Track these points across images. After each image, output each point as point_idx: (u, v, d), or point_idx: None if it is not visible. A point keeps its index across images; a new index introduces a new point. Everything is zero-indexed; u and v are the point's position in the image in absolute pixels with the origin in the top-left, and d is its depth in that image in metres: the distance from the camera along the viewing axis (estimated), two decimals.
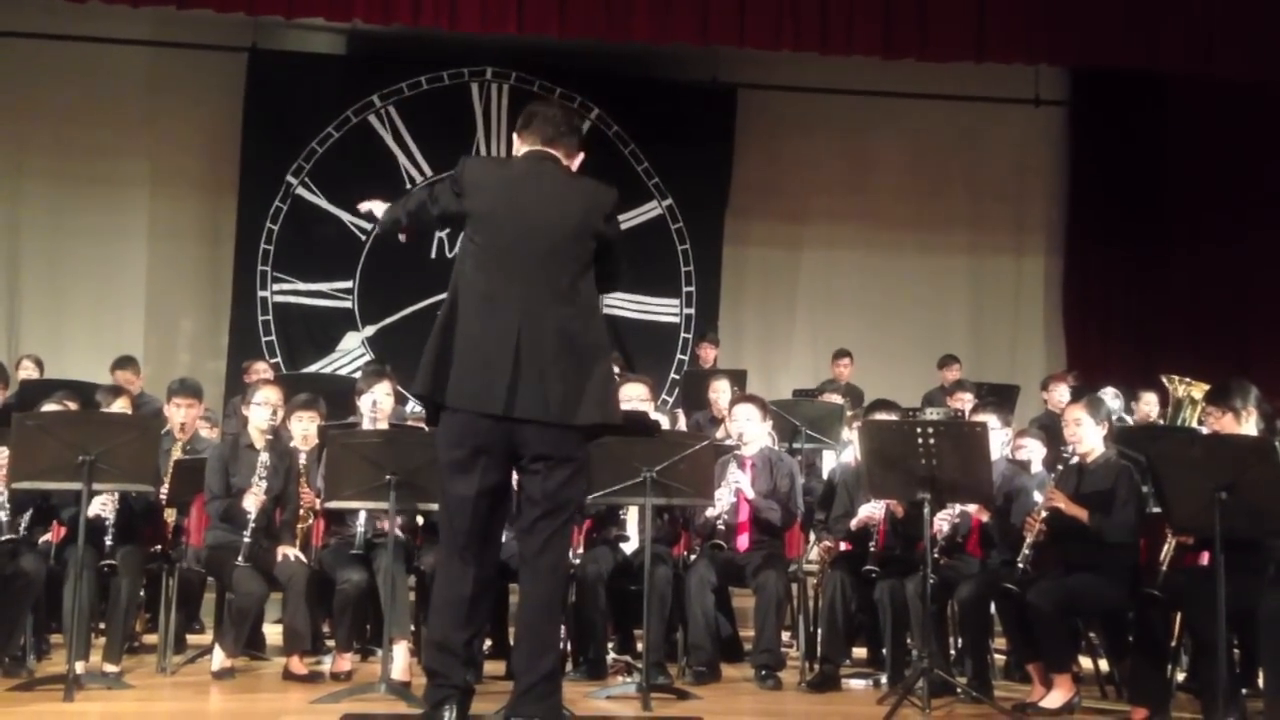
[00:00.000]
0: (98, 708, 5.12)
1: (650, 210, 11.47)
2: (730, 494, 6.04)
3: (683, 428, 8.27)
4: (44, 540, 5.90)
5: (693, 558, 6.15)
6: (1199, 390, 7.86)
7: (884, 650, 5.93)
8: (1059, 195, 12.15)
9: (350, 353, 11.06)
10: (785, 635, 6.34)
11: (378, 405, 6.08)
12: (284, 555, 5.81)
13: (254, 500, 5.78)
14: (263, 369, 8.91)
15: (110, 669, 5.59)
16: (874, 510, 5.88)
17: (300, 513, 6.15)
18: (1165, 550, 5.22)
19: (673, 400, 10.38)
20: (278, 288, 11.02)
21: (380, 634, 5.57)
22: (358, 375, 8.13)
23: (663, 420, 6.72)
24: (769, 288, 11.96)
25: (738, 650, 6.43)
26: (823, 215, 11.99)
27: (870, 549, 5.85)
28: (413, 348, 11.45)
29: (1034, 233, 12.19)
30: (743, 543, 6.09)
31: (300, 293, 11.06)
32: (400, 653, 5.46)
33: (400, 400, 6.77)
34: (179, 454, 6.55)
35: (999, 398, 8.18)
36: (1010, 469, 6.07)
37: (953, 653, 5.99)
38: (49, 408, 5.94)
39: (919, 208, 11.91)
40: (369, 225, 10.81)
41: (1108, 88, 11.58)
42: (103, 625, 5.87)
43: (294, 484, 6.09)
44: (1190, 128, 11.65)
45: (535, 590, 4.15)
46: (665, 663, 5.81)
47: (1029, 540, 5.40)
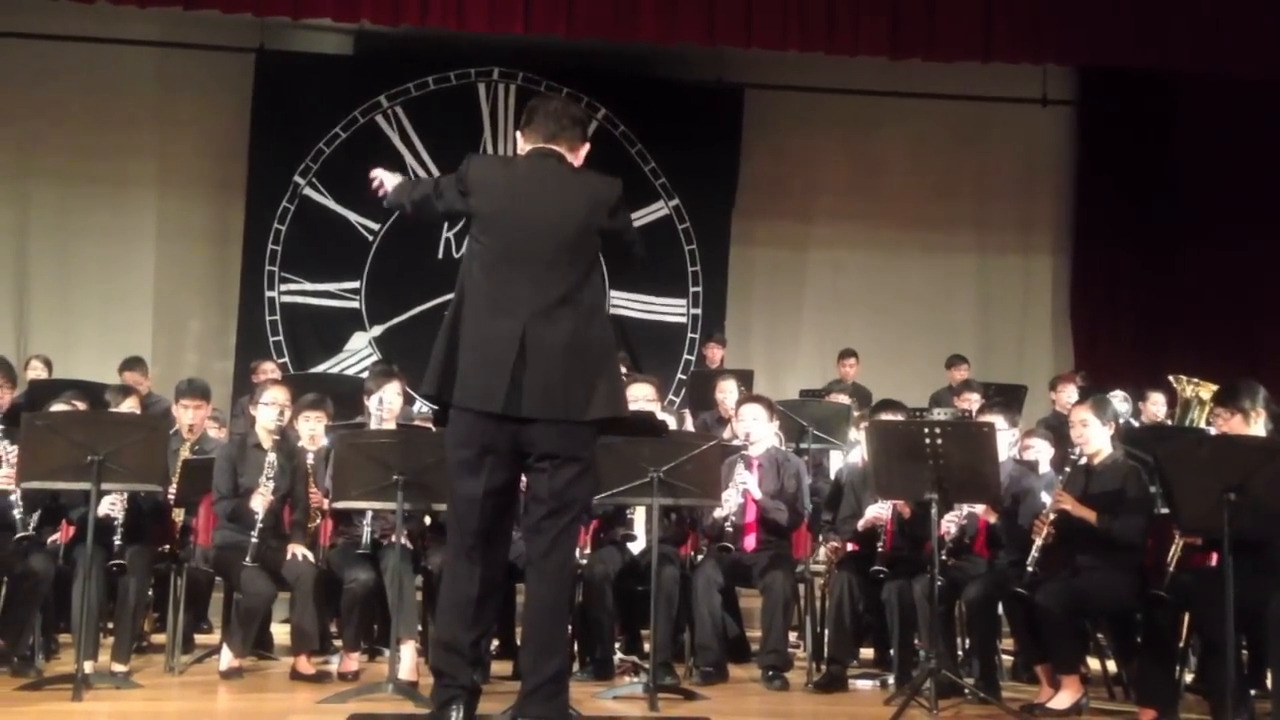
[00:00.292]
0: (106, 707, 5.13)
1: (657, 210, 11.47)
2: (738, 495, 6.04)
3: (690, 428, 8.26)
4: (53, 540, 5.92)
5: (700, 558, 6.15)
6: (1207, 391, 7.84)
7: (891, 651, 5.93)
8: (1066, 195, 12.13)
9: (358, 353, 11.07)
10: (792, 636, 6.33)
11: (385, 405, 6.09)
12: (293, 554, 5.82)
13: (261, 500, 5.80)
14: (270, 369, 8.92)
15: (118, 668, 5.60)
16: (881, 511, 5.88)
17: (309, 513, 6.16)
18: (1172, 551, 5.21)
19: (679, 400, 10.38)
20: (285, 288, 11.03)
21: (387, 634, 5.58)
22: (365, 375, 8.14)
23: (669, 420, 6.72)
24: (775, 288, 11.95)
25: (745, 651, 6.43)
26: (829, 215, 11.98)
27: (878, 549, 5.85)
28: (420, 348, 11.45)
29: (1041, 233, 12.17)
30: (750, 543, 6.09)
31: (308, 293, 11.08)
32: (407, 653, 5.47)
33: (408, 400, 6.78)
34: (187, 454, 6.56)
35: (1006, 398, 8.18)
36: (1017, 470, 6.06)
37: (960, 653, 6.00)
38: (57, 408, 5.96)
39: (926, 208, 11.89)
40: (376, 225, 10.98)
41: (1115, 87, 11.55)
42: (111, 625, 5.88)
43: (302, 484, 6.11)
44: (1198, 127, 11.61)
45: (542, 591, 4.15)
46: (672, 663, 5.82)
47: (1037, 543, 5.39)
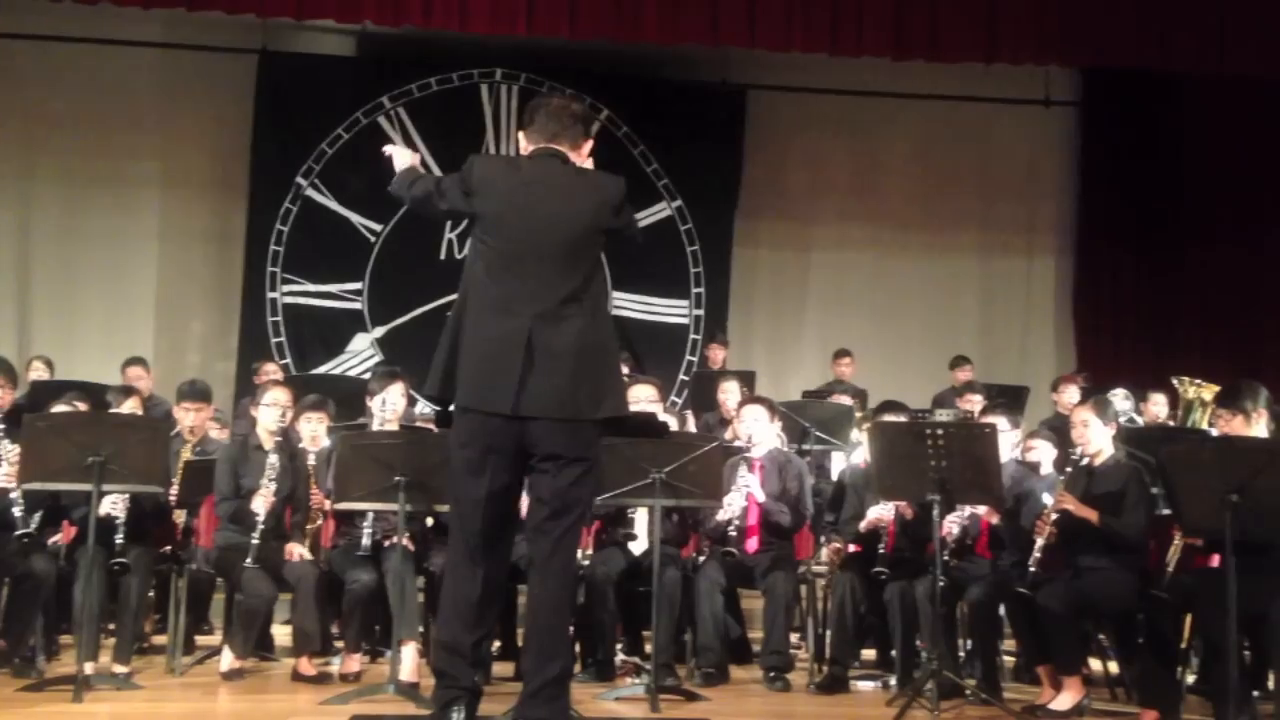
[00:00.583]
0: (107, 708, 5.13)
1: (659, 211, 11.47)
2: (740, 498, 6.03)
3: (692, 429, 8.26)
4: (54, 541, 5.92)
5: (702, 559, 6.14)
6: (1209, 392, 7.82)
7: (893, 652, 5.92)
8: (1069, 196, 12.11)
9: (360, 354, 11.07)
10: (794, 637, 6.34)
11: (388, 406, 6.09)
12: (290, 552, 5.82)
13: (263, 501, 5.80)
14: (272, 370, 8.92)
15: (120, 670, 5.60)
16: (883, 512, 5.87)
17: (310, 514, 6.16)
18: (1172, 552, 5.20)
19: (682, 402, 10.37)
20: (287, 289, 11.02)
21: (389, 635, 5.58)
22: (367, 376, 8.14)
23: (671, 422, 6.72)
24: (778, 289, 11.94)
25: (746, 652, 6.42)
26: (832, 216, 11.97)
27: (879, 551, 5.85)
28: (422, 349, 11.41)
29: (1044, 233, 12.15)
30: (752, 545, 6.08)
31: (310, 294, 11.07)
32: (409, 654, 5.46)
33: (410, 402, 6.78)
34: (189, 455, 6.56)
35: (1009, 399, 8.16)
36: (1020, 470, 6.05)
37: (962, 654, 5.99)
38: (59, 409, 5.96)
39: (929, 208, 11.89)
40: (379, 227, 10.98)
41: (1118, 88, 11.54)
42: (112, 626, 5.88)
43: (303, 485, 6.11)
44: (1202, 127, 11.60)
45: (545, 592, 4.14)
46: (674, 664, 5.81)
47: (1039, 543, 5.38)
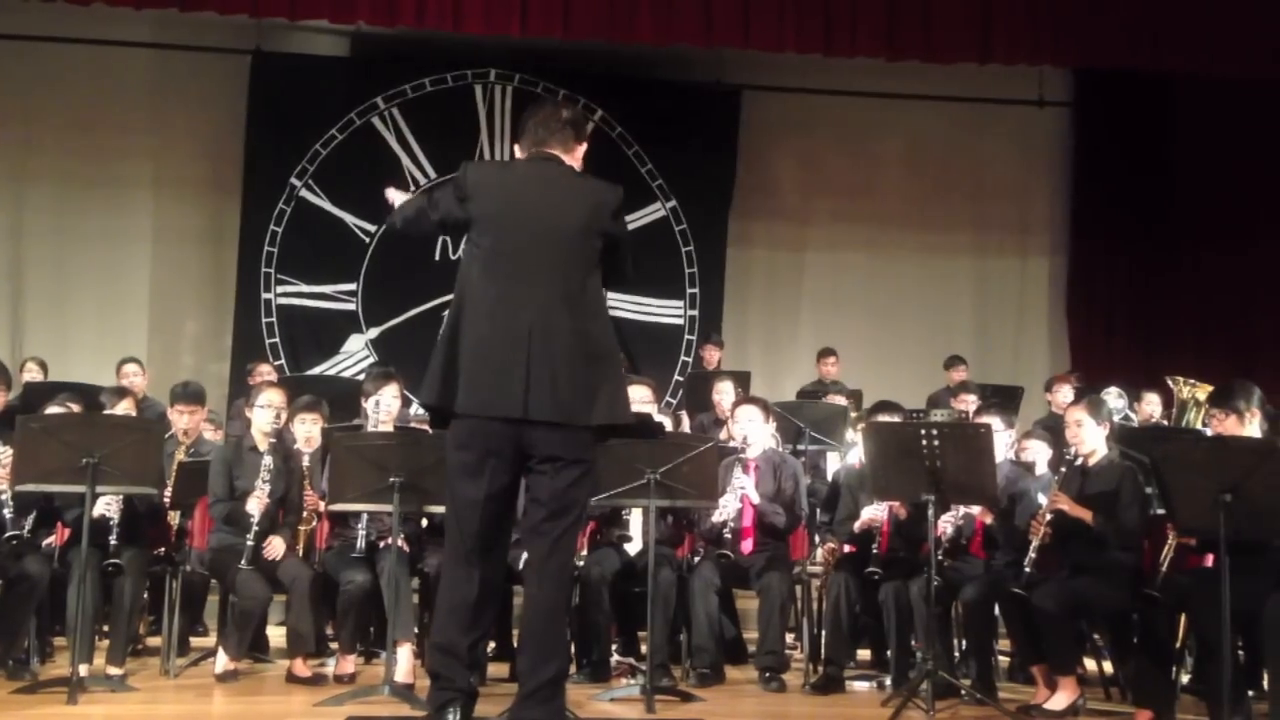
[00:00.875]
0: (101, 710, 5.12)
1: (654, 212, 11.47)
2: (735, 500, 6.03)
3: (686, 429, 8.27)
4: (48, 543, 5.91)
5: (697, 560, 6.14)
6: (1203, 391, 7.84)
7: (888, 652, 5.93)
8: (1063, 196, 12.12)
9: (354, 355, 11.06)
10: (789, 637, 6.34)
11: (382, 407, 6.08)
12: (274, 544, 5.80)
13: (257, 503, 5.79)
14: (266, 371, 8.91)
15: (114, 672, 5.58)
16: (877, 512, 5.88)
17: (304, 515, 6.16)
18: (1165, 551, 5.21)
19: (676, 402, 10.38)
20: (281, 290, 11.01)
21: (384, 636, 5.57)
22: (361, 377, 8.13)
23: (666, 422, 6.72)
24: (773, 289, 11.94)
25: (742, 652, 6.43)
26: (826, 217, 11.98)
27: (873, 551, 5.85)
28: (417, 350, 11.46)
29: (1038, 234, 12.16)
30: (747, 546, 6.08)
31: (304, 295, 11.06)
32: (404, 655, 5.46)
33: (405, 403, 6.77)
34: (183, 456, 6.55)
35: (1003, 399, 8.18)
36: (1014, 470, 6.06)
37: (957, 654, 5.99)
38: (53, 410, 5.95)
39: (922, 209, 11.90)
40: (373, 227, 10.97)
41: (1112, 88, 11.56)
42: (106, 628, 5.87)
43: (298, 486, 6.10)
44: (1195, 128, 11.61)
45: (542, 594, 4.13)
46: (669, 665, 5.81)
47: (1034, 543, 5.39)
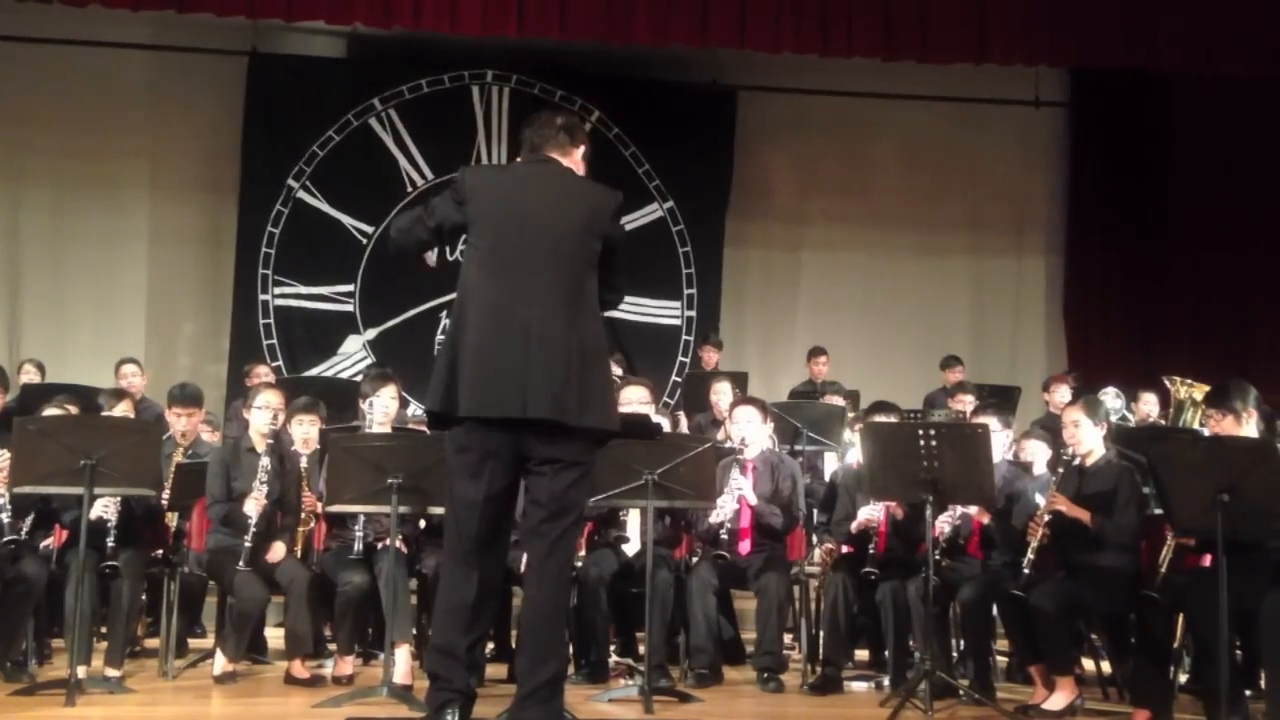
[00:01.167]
0: (99, 712, 5.11)
1: (651, 212, 11.47)
2: (733, 501, 6.03)
3: (684, 430, 8.27)
4: (45, 545, 5.90)
5: (694, 560, 6.14)
6: (1200, 391, 7.85)
7: (886, 652, 5.93)
8: (1059, 196, 12.14)
9: (351, 356, 11.06)
10: (787, 638, 6.34)
11: (378, 407, 6.08)
12: (273, 549, 5.81)
13: (255, 504, 5.79)
14: (264, 372, 8.91)
15: (112, 673, 5.58)
16: (873, 513, 5.88)
17: (302, 516, 6.16)
18: (1164, 552, 5.22)
19: (674, 403, 10.38)
20: (279, 291, 11.01)
21: (382, 637, 5.57)
22: (359, 379, 8.13)
23: (663, 423, 6.72)
24: (770, 290, 11.95)
25: (739, 653, 6.43)
26: (823, 217, 11.99)
27: (870, 551, 5.85)
28: (414, 351, 11.46)
29: (1034, 234, 12.18)
30: (744, 547, 6.08)
31: (301, 296, 11.06)
32: (402, 656, 5.46)
33: (402, 404, 6.77)
34: (180, 458, 6.54)
35: (1000, 399, 8.18)
36: (1011, 471, 6.07)
37: (955, 654, 5.99)
38: (50, 412, 5.94)
39: (919, 209, 11.90)
40: (370, 229, 10.97)
41: (1108, 88, 11.58)
42: (104, 630, 5.87)
43: (295, 488, 6.10)
44: (1191, 127, 11.63)
45: (540, 595, 4.14)
46: (667, 665, 5.80)
47: (1033, 544, 5.39)
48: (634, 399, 6.19)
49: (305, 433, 6.35)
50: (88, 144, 10.89)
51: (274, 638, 6.42)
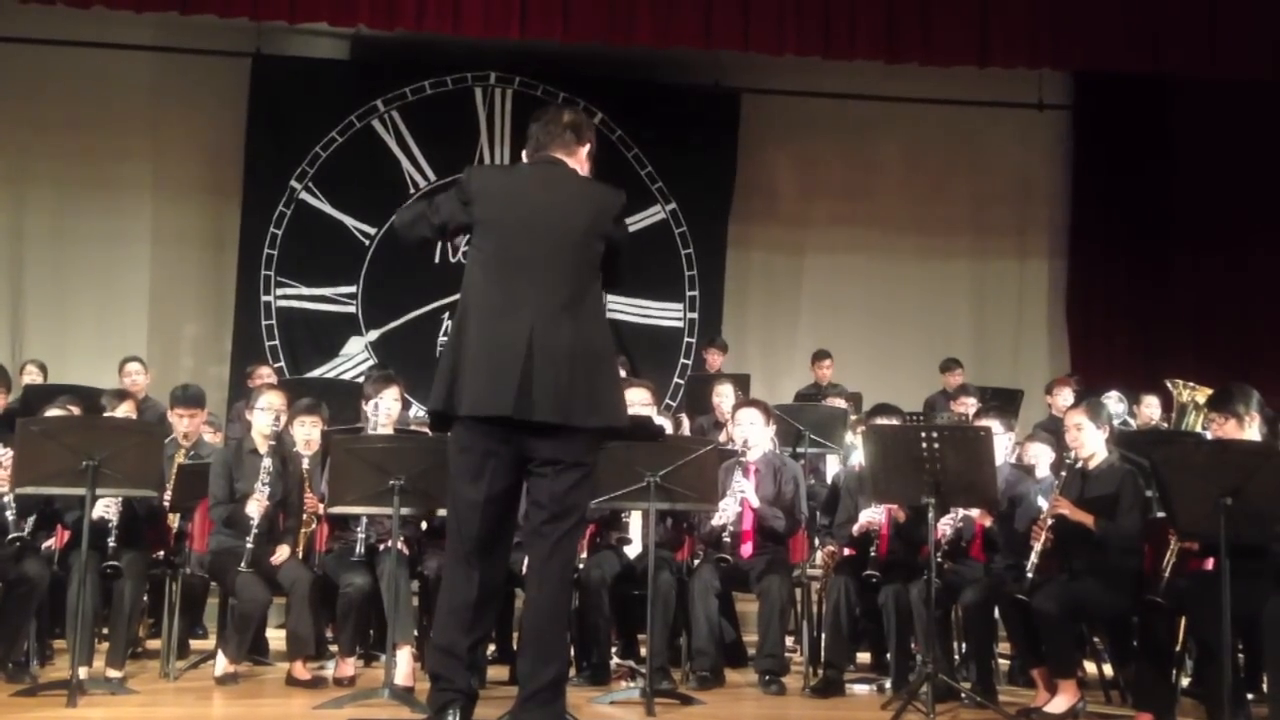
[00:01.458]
0: (101, 713, 5.12)
1: (653, 214, 11.47)
2: (735, 504, 6.03)
3: (686, 432, 8.26)
4: (47, 545, 5.90)
5: (696, 563, 6.14)
6: (1203, 395, 7.85)
7: (888, 655, 5.92)
8: (1062, 199, 12.14)
9: (353, 357, 11.06)
10: (789, 640, 6.33)
11: (383, 410, 6.08)
12: (278, 551, 5.82)
13: (257, 505, 5.78)
14: (266, 374, 8.90)
15: (113, 674, 5.58)
16: (875, 515, 5.88)
17: (304, 518, 6.15)
18: (1168, 556, 5.21)
19: (676, 405, 10.37)
20: (281, 292, 11.02)
21: (383, 639, 5.57)
22: (361, 380, 8.13)
23: (666, 425, 6.72)
24: (772, 292, 11.95)
25: (741, 655, 6.42)
26: (826, 220, 11.99)
27: (871, 554, 5.85)
28: (416, 353, 11.45)
29: (1037, 237, 12.18)
30: (747, 549, 6.07)
31: (304, 297, 11.07)
32: (403, 658, 5.46)
33: (405, 405, 6.77)
34: (182, 459, 6.54)
35: (1002, 402, 8.18)
36: (1013, 473, 6.06)
37: (957, 657, 5.99)
38: (52, 412, 5.95)
39: (922, 212, 11.90)
40: (372, 230, 10.98)
41: (1111, 91, 11.57)
42: (106, 630, 5.87)
43: (297, 489, 6.10)
44: (1194, 131, 11.63)
45: (542, 596, 4.14)
46: (669, 668, 5.80)
47: (1036, 548, 5.38)
48: (635, 401, 6.18)
49: (307, 434, 6.35)
50: (91, 145, 10.90)
51: (276, 639, 6.43)
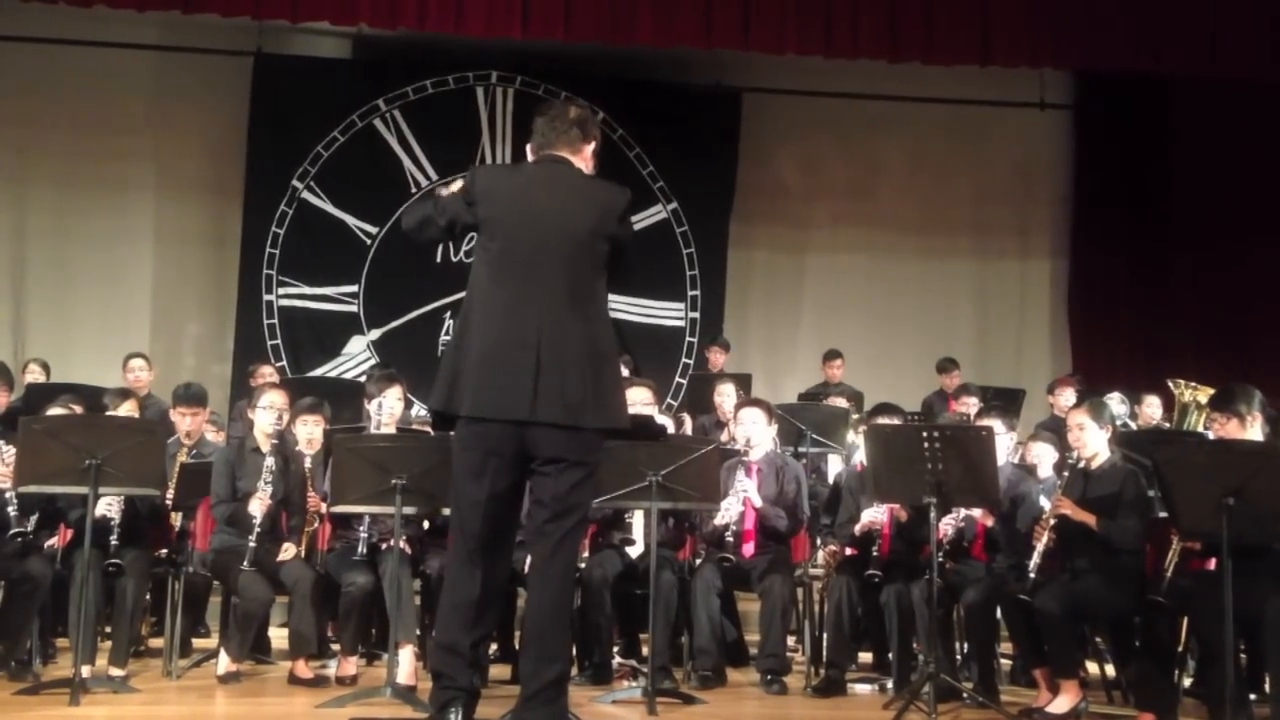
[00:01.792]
0: (103, 712, 5.12)
1: (655, 214, 11.47)
2: (737, 503, 6.03)
3: (688, 432, 8.27)
4: (50, 544, 5.91)
5: (698, 562, 6.14)
6: (1205, 395, 7.84)
7: (890, 655, 5.93)
8: (1064, 199, 12.13)
9: (355, 357, 11.06)
10: (791, 640, 6.33)
11: (385, 409, 6.08)
12: (285, 550, 5.82)
13: (259, 504, 5.79)
14: (268, 373, 8.90)
15: (116, 673, 5.58)
16: (876, 515, 5.88)
17: (306, 517, 6.16)
18: (1170, 556, 5.21)
19: (677, 404, 10.37)
20: (283, 291, 11.02)
21: (385, 638, 5.57)
22: (363, 379, 8.13)
23: (667, 424, 6.72)
24: (773, 291, 11.94)
25: (743, 655, 6.43)
26: (827, 219, 11.98)
27: (873, 554, 5.85)
28: (418, 352, 11.43)
29: (1039, 236, 12.17)
30: (748, 549, 6.08)
31: (306, 296, 11.07)
32: (405, 656, 5.46)
33: (407, 404, 6.77)
34: (185, 458, 6.55)
35: (1004, 402, 8.18)
36: (1015, 473, 6.07)
37: (959, 657, 5.99)
38: (55, 411, 5.95)
39: (923, 211, 11.90)
40: (374, 229, 10.98)
41: (1113, 91, 11.57)
42: (108, 629, 5.87)
43: (299, 488, 6.10)
44: (1195, 130, 11.62)
45: (544, 595, 4.14)
46: (670, 667, 5.81)
47: (1039, 548, 5.38)
48: (637, 400, 6.19)
49: (310, 433, 6.35)
50: (93, 144, 10.90)
51: (278, 638, 6.43)
